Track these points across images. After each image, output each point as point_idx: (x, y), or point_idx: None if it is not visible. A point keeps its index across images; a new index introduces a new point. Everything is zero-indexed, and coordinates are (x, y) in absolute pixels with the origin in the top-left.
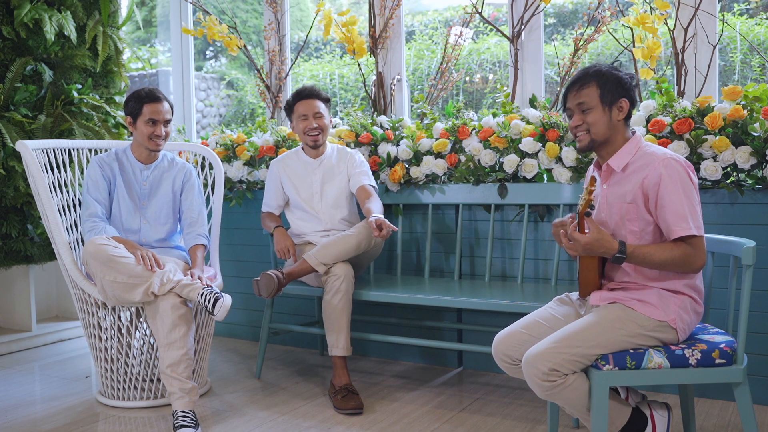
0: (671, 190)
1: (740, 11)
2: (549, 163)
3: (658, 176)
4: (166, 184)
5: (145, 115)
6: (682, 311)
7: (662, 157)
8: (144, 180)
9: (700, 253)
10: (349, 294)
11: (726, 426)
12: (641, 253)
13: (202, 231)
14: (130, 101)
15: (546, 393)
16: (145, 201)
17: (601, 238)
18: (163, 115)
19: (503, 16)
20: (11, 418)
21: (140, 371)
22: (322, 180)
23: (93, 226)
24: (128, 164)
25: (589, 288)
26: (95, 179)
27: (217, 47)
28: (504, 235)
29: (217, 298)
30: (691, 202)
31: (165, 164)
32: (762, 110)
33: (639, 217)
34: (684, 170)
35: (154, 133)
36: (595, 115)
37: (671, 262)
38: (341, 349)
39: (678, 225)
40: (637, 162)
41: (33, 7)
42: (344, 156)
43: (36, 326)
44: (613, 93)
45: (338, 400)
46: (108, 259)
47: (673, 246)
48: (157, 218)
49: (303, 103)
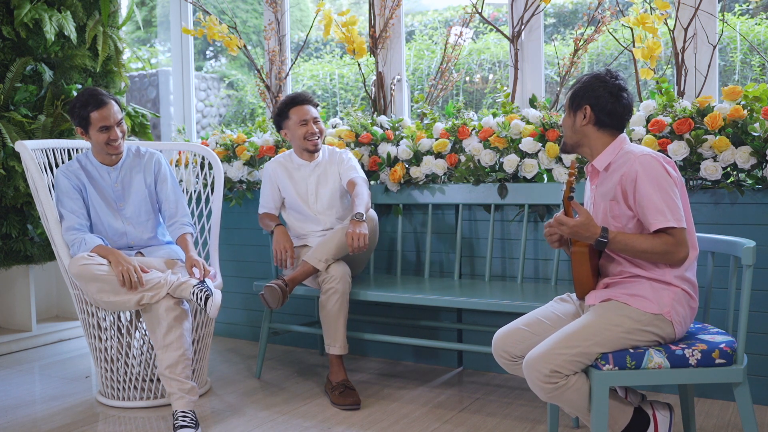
0: (647, 185)
1: (740, 11)
2: (549, 163)
3: (635, 173)
4: (138, 181)
5: (95, 124)
6: (676, 304)
7: (639, 154)
8: (114, 182)
9: (681, 244)
10: (346, 294)
11: (726, 426)
12: (623, 239)
13: (185, 220)
14: (75, 110)
15: (548, 395)
16: (122, 203)
17: (587, 222)
18: (114, 117)
19: (503, 16)
20: (11, 418)
21: (140, 371)
22: (317, 182)
23: (73, 240)
24: (94, 169)
25: (584, 288)
26: (66, 191)
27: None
28: (504, 235)
29: (208, 295)
30: (668, 195)
31: (130, 160)
32: (762, 110)
33: (621, 213)
34: (660, 165)
35: (109, 138)
36: (565, 119)
37: (652, 251)
38: (337, 348)
39: (656, 218)
40: (618, 161)
41: (33, 7)
42: (334, 156)
43: (36, 326)
44: (580, 99)
45: (336, 396)
46: (92, 278)
47: (654, 236)
48: (138, 217)
49: (299, 109)
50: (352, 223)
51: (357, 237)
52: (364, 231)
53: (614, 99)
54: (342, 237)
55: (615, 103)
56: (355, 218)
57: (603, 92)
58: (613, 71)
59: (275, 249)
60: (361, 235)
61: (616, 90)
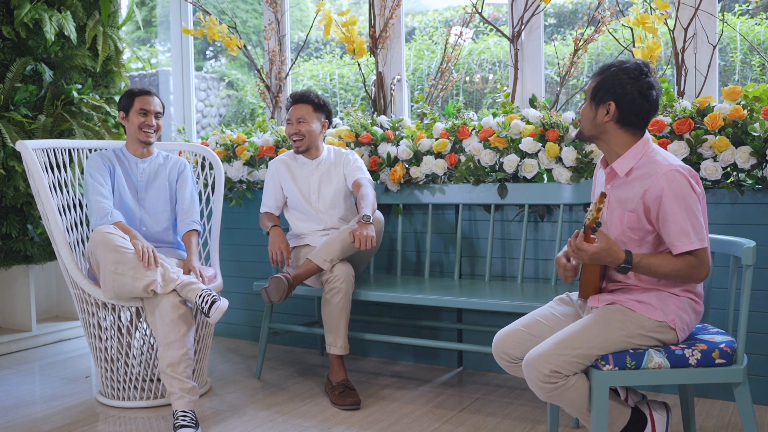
0: (673, 205)
1: (740, 11)
2: (549, 163)
3: (660, 190)
4: (162, 176)
5: (136, 107)
6: (681, 311)
7: (665, 168)
8: (140, 172)
9: (704, 264)
10: (349, 294)
11: (726, 426)
12: (647, 263)
13: (195, 218)
14: (123, 98)
15: (547, 395)
16: (143, 193)
17: (608, 248)
18: (154, 107)
19: (503, 16)
20: (11, 418)
21: (140, 371)
22: (319, 181)
23: (101, 208)
24: (125, 158)
25: (589, 291)
26: (98, 167)
27: (217, 47)
28: (504, 235)
29: (214, 300)
30: (694, 214)
31: (160, 159)
32: (762, 110)
33: (640, 226)
34: (686, 181)
35: (145, 122)
36: (585, 108)
37: (676, 274)
38: (339, 348)
39: (680, 240)
40: (641, 169)
41: (33, 7)
42: (340, 157)
43: (36, 326)
44: (605, 92)
45: (336, 396)
46: (114, 249)
47: (678, 258)
48: (155, 208)
49: (293, 107)
50: (360, 225)
51: (365, 240)
52: (371, 233)
53: (642, 98)
54: (347, 238)
55: (643, 103)
56: (362, 220)
57: (631, 89)
58: (644, 65)
59: (270, 250)
60: (368, 237)
61: (646, 88)
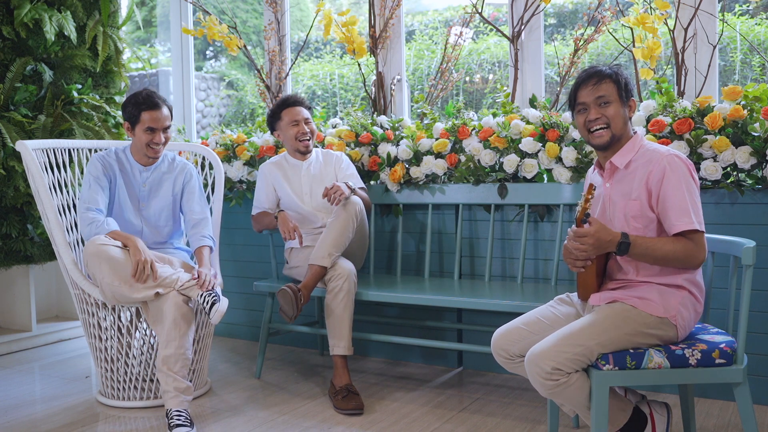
0: (674, 185)
1: (740, 11)
2: (549, 163)
3: (663, 171)
4: (166, 187)
5: (144, 123)
6: (682, 307)
7: (666, 153)
8: (143, 182)
9: (700, 248)
10: (352, 293)
11: (726, 426)
12: (644, 242)
13: (206, 233)
14: (128, 106)
15: (549, 391)
16: (144, 203)
17: (603, 227)
18: (162, 123)
19: (503, 16)
20: (11, 418)
21: (140, 371)
22: (311, 181)
23: (93, 218)
24: (128, 165)
25: (587, 291)
26: (96, 175)
27: (217, 47)
28: (504, 235)
29: (215, 301)
30: (693, 197)
31: (165, 166)
32: (762, 110)
33: (642, 214)
34: (686, 167)
35: (152, 140)
36: (615, 109)
37: (672, 256)
38: (342, 349)
39: (680, 219)
40: (640, 159)
41: (33, 7)
42: (330, 159)
43: (36, 326)
44: (626, 91)
45: (338, 400)
46: (107, 258)
47: (675, 240)
48: (157, 220)
49: (291, 111)
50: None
51: (334, 191)
52: (343, 189)
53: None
54: (336, 227)
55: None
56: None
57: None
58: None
59: (282, 229)
60: (337, 188)
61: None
